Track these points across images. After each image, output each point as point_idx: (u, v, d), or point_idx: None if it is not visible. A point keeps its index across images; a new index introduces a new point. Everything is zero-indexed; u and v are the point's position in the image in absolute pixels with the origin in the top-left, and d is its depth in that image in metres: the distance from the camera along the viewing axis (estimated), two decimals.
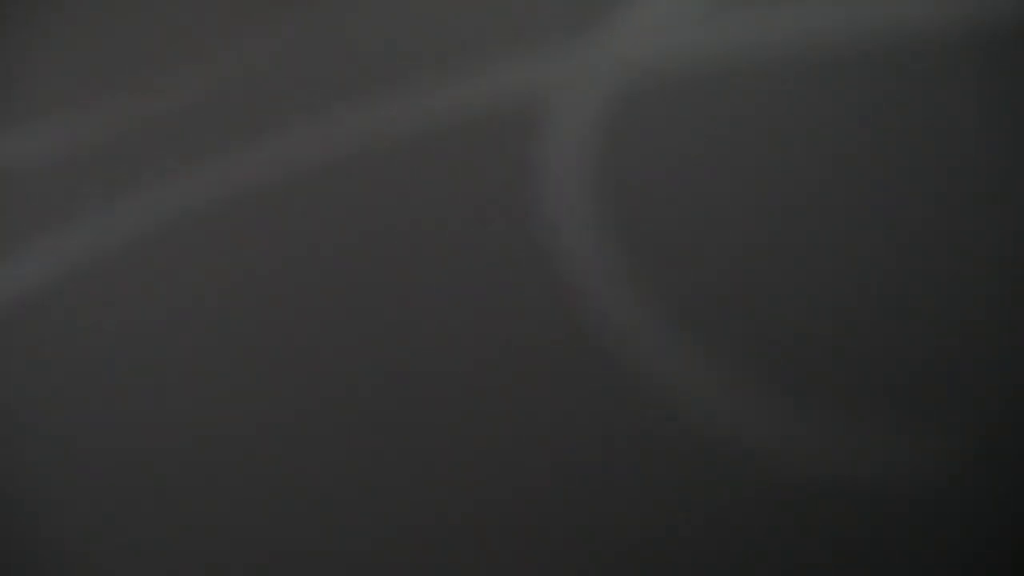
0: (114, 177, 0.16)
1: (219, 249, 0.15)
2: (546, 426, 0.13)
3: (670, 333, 0.13)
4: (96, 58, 0.18)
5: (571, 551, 0.12)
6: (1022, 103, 0.15)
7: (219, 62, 0.17)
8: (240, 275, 0.14)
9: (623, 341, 0.13)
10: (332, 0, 0.18)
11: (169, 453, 0.13)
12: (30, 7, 0.19)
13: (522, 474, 0.12)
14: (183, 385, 0.13)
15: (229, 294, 0.14)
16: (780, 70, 0.16)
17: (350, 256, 0.15)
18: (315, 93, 0.17)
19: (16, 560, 0.12)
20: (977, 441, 0.12)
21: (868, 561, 0.11)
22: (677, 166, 0.15)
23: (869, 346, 0.13)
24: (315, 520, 0.12)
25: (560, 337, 0.13)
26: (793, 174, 0.15)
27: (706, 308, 0.13)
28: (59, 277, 0.15)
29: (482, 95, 0.16)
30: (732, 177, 0.15)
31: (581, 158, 0.15)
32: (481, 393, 0.13)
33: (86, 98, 0.17)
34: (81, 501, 0.13)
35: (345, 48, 0.17)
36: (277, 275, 0.14)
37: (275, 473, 0.13)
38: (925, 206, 0.14)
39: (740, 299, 0.13)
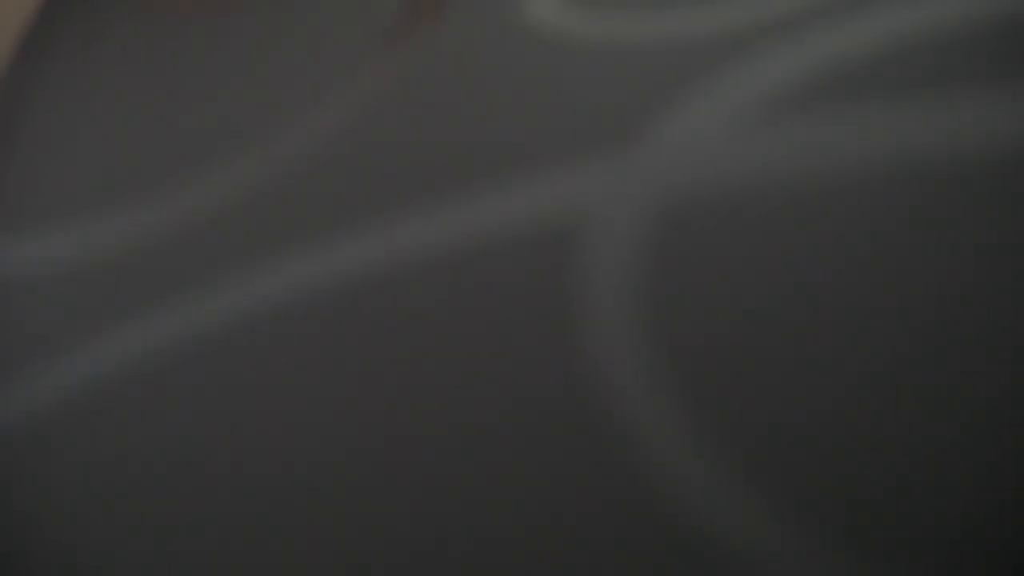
0: (137, 286, 0.16)
1: (248, 361, 0.14)
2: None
3: (730, 482, 0.12)
4: (117, 161, 0.18)
5: None
6: None
7: (245, 169, 0.17)
8: (268, 392, 0.14)
9: (675, 491, 0.12)
10: (358, 107, 0.18)
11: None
12: (46, 105, 0.20)
13: None
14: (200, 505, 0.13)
15: (261, 408, 0.14)
16: (837, 186, 0.15)
17: (376, 378, 0.14)
18: (342, 206, 0.16)
19: None
20: None
21: None
22: (726, 288, 0.14)
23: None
24: None
25: (596, 476, 0.12)
26: (855, 300, 0.13)
27: (770, 452, 0.12)
28: (77, 391, 0.15)
29: (517, 209, 0.15)
30: (786, 303, 0.14)
31: (622, 277, 0.14)
32: (505, 535, 0.12)
33: (105, 203, 0.18)
34: None
35: (372, 159, 0.17)
36: (297, 394, 0.14)
37: None
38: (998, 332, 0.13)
39: (805, 441, 0.12)
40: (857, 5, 0.18)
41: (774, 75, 0.17)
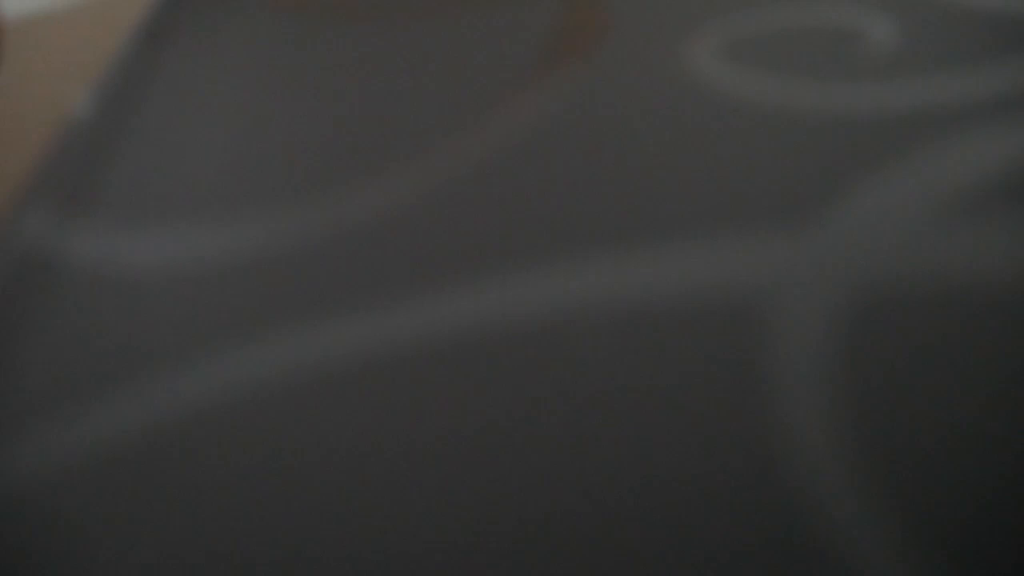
0: (253, 301, 0.15)
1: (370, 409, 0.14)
2: None
3: None
4: (247, 162, 0.17)
5: None
6: None
7: (381, 191, 0.16)
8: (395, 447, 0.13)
9: None
10: (500, 144, 0.17)
11: None
12: (172, 93, 0.19)
13: None
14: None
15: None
16: None
17: (523, 438, 0.13)
18: (481, 250, 0.15)
19: None
20: None
21: None
22: (922, 395, 0.13)
23: None
24: None
25: None
26: None
27: None
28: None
29: (698, 281, 0.14)
30: (986, 407, 0.13)
31: (813, 366, 0.13)
32: None
33: (229, 206, 0.17)
34: None
35: (518, 204, 0.16)
36: (440, 448, 0.13)
37: None
38: None
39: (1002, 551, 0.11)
40: None
41: (976, 164, 0.16)
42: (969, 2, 0.20)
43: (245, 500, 0.13)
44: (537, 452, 0.13)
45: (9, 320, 0.16)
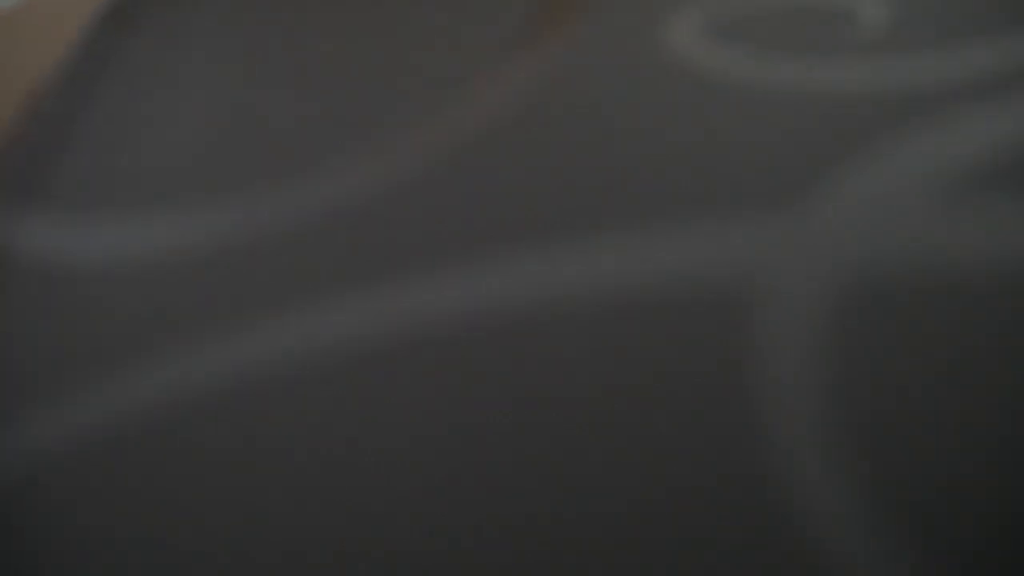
0: (215, 292, 0.15)
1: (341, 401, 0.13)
2: None
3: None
4: (213, 148, 0.17)
5: None
6: None
7: (349, 176, 0.16)
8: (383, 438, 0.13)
9: None
10: (475, 126, 0.17)
11: None
12: (133, 77, 0.19)
13: None
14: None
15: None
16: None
17: (514, 429, 0.13)
18: (456, 234, 0.15)
19: None
20: None
21: None
22: (914, 385, 0.13)
23: None
24: None
25: None
26: None
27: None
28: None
29: (683, 266, 0.14)
30: (976, 399, 0.13)
31: (799, 354, 0.13)
32: None
33: (192, 194, 0.16)
34: None
35: (495, 188, 0.16)
36: (430, 444, 0.13)
37: None
38: None
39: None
40: None
41: (968, 144, 0.16)
42: None
43: (228, 491, 0.12)
44: (512, 447, 0.13)
45: None
